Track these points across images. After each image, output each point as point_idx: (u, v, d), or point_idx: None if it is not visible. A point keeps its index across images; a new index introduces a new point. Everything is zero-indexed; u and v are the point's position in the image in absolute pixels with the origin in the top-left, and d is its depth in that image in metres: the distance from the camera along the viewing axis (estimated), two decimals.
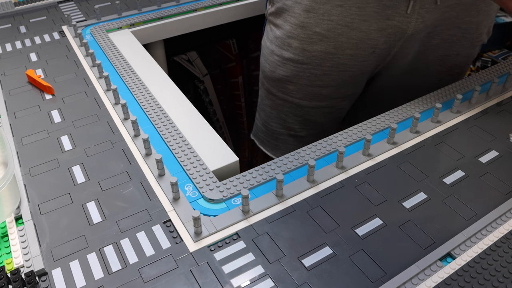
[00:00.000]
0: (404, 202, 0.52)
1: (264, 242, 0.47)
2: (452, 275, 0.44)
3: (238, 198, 0.52)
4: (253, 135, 0.97)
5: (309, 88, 0.79)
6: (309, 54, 0.75)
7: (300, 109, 0.83)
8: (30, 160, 0.58)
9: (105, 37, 0.86)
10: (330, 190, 0.53)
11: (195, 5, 0.98)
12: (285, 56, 0.77)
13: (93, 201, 0.52)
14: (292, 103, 0.83)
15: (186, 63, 1.27)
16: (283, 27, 0.76)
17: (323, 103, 0.82)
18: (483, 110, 0.66)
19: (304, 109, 0.83)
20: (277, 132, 0.89)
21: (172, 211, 0.51)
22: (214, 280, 0.43)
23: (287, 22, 0.75)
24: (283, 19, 0.75)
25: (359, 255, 0.46)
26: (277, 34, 0.77)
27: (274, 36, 0.78)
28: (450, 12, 0.71)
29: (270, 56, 0.80)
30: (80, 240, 0.48)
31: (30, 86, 0.73)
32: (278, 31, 0.77)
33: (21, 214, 0.50)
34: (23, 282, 0.42)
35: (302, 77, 0.78)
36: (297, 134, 0.87)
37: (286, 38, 0.76)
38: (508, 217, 0.49)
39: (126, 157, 0.58)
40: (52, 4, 0.99)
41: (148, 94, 0.70)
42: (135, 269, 0.45)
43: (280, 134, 0.89)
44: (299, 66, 0.77)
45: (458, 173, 0.55)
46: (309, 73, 0.77)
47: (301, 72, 0.77)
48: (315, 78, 0.77)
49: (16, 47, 0.83)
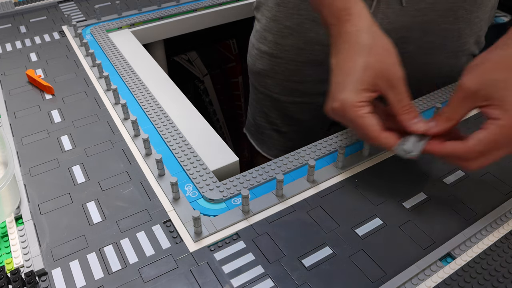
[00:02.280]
0: (404, 202, 0.52)
1: (264, 242, 0.47)
2: (452, 275, 0.44)
3: (238, 198, 0.52)
4: (245, 129, 0.98)
5: (286, 83, 0.80)
6: (281, 48, 0.75)
7: (279, 104, 0.83)
8: (30, 160, 0.58)
9: (105, 37, 0.86)
10: (330, 190, 0.53)
11: (195, 5, 0.98)
12: (262, 49, 0.79)
13: (93, 201, 0.52)
14: (272, 98, 0.83)
15: (186, 63, 1.27)
16: (260, 21, 0.78)
17: (301, 99, 0.81)
18: None
19: (283, 104, 0.83)
20: (262, 126, 0.90)
21: (172, 211, 0.51)
22: (214, 280, 0.43)
23: (263, 16, 0.77)
24: (261, 13, 0.78)
25: (359, 255, 0.46)
26: (257, 27, 0.80)
27: (255, 30, 0.81)
28: (422, 16, 0.68)
29: (252, 50, 0.82)
30: (80, 240, 0.48)
31: (30, 86, 0.73)
32: (257, 25, 0.79)
33: (21, 214, 0.50)
34: (23, 282, 0.42)
35: (278, 71, 0.79)
36: (280, 129, 0.87)
37: (262, 32, 0.77)
38: (508, 217, 0.49)
39: (126, 157, 0.58)
40: (52, 4, 0.99)
41: (148, 94, 0.70)
42: (135, 269, 0.45)
43: (265, 129, 0.89)
44: (274, 60, 0.78)
45: (458, 173, 0.55)
46: (283, 68, 0.78)
47: (276, 66, 0.78)
48: (290, 73, 0.78)
49: (16, 47, 0.83)
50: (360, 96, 0.47)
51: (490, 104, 0.44)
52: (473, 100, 0.45)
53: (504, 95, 0.44)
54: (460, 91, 0.46)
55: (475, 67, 0.46)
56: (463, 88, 0.45)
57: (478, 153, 0.44)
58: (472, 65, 0.46)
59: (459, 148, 0.45)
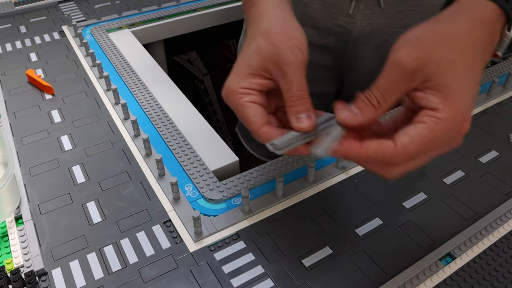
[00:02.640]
0: (404, 202, 0.52)
1: (264, 242, 0.47)
2: (452, 275, 0.44)
3: (238, 198, 0.52)
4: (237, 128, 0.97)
5: None
6: None
7: None
8: (30, 160, 0.58)
9: (105, 37, 0.85)
10: (330, 190, 0.53)
11: (195, 5, 0.98)
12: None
13: (93, 201, 0.52)
14: None
15: (186, 63, 1.27)
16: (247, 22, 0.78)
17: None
18: (483, 110, 0.66)
19: None
20: None
21: (172, 211, 0.51)
22: (214, 280, 0.43)
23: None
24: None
25: (359, 255, 0.46)
26: (244, 27, 0.80)
27: (243, 30, 0.81)
28: (404, 19, 0.67)
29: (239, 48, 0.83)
30: (80, 240, 0.48)
31: (30, 86, 0.73)
32: (245, 25, 0.79)
33: (21, 214, 0.50)
34: (23, 282, 0.42)
35: None
36: None
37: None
38: (508, 217, 0.49)
39: (126, 157, 0.58)
40: (52, 4, 0.99)
41: (148, 94, 0.70)
42: (135, 269, 0.45)
43: None
44: None
45: (458, 173, 0.55)
46: None
47: None
48: None
49: (16, 47, 0.83)
50: (245, 82, 0.40)
51: (427, 87, 0.35)
52: (409, 82, 0.35)
53: (448, 79, 0.34)
54: (394, 69, 0.35)
55: (415, 40, 0.35)
56: (399, 65, 0.34)
57: (408, 157, 0.34)
58: (410, 37, 0.36)
59: (387, 149, 0.34)
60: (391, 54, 0.35)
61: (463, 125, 0.35)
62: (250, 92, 0.40)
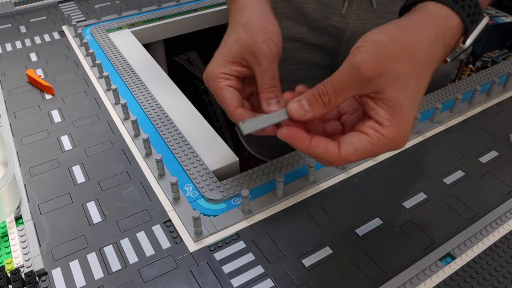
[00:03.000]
0: (404, 202, 0.52)
1: (264, 242, 0.47)
2: (452, 275, 0.44)
3: (238, 198, 0.52)
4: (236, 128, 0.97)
5: None
6: None
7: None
8: (30, 160, 0.58)
9: (105, 37, 0.86)
10: (330, 190, 0.53)
11: (195, 5, 0.98)
12: None
13: (93, 201, 0.52)
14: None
15: (186, 63, 1.27)
16: None
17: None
18: (483, 110, 0.66)
19: None
20: None
21: (172, 211, 0.51)
22: (214, 280, 0.43)
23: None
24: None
25: (359, 255, 0.46)
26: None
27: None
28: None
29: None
30: (80, 240, 0.48)
31: (30, 86, 0.73)
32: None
33: (21, 214, 0.50)
34: (23, 282, 0.42)
35: None
36: None
37: None
38: (508, 217, 0.49)
39: (126, 157, 0.58)
40: (52, 4, 0.99)
41: (148, 94, 0.70)
42: (135, 269, 0.45)
43: None
44: None
45: (458, 173, 0.55)
46: None
47: None
48: None
49: (16, 47, 0.83)
50: (225, 68, 0.45)
51: (379, 99, 0.36)
52: (364, 88, 0.36)
53: (400, 96, 0.36)
54: (351, 72, 0.36)
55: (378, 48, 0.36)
56: (358, 70, 0.36)
57: (347, 162, 0.38)
58: (374, 40, 0.36)
59: (331, 153, 0.38)
60: (352, 55, 0.36)
61: (402, 144, 0.38)
62: (229, 77, 0.45)
